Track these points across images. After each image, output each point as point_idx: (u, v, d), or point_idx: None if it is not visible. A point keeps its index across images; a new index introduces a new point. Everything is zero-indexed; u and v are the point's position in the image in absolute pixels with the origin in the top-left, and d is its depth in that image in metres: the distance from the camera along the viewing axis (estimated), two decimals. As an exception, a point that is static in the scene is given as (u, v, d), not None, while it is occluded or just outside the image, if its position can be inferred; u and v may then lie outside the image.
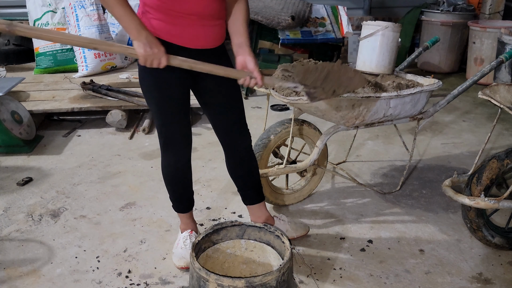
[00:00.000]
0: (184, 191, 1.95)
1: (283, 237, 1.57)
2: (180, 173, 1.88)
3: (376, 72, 2.40)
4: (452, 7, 4.91)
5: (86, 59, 4.09)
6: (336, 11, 4.43)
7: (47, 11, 4.23)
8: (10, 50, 4.46)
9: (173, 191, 1.94)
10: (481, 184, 1.91)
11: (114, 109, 3.43)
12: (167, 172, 1.88)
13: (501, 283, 1.87)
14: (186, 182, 1.93)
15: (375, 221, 2.31)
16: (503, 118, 2.32)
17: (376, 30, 2.33)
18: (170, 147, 1.80)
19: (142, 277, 1.90)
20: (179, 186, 1.92)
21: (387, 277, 1.90)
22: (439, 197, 2.52)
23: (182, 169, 1.87)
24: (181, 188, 1.93)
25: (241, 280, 1.36)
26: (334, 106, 2.00)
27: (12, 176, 2.76)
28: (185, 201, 1.98)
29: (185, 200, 1.97)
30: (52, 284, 1.86)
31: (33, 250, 2.07)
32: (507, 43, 3.81)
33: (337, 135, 3.06)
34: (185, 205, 1.99)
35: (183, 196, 1.96)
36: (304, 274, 1.91)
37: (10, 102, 3.11)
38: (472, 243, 2.13)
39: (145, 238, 2.16)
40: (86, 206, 2.44)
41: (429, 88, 2.16)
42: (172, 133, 1.76)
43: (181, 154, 1.82)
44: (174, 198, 1.97)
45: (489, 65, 2.29)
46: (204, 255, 1.63)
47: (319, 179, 2.50)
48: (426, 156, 3.07)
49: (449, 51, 5.01)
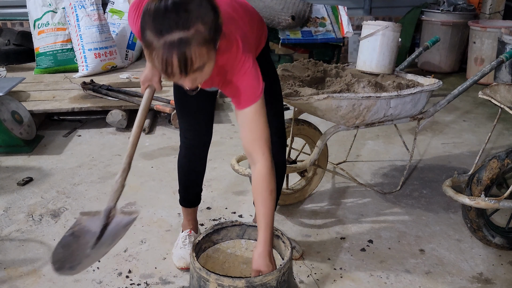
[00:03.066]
0: (192, 184, 1.97)
1: (283, 237, 1.57)
2: (193, 165, 1.92)
3: (376, 72, 2.40)
4: (452, 7, 4.91)
5: (87, 59, 4.09)
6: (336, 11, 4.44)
7: (48, 11, 4.23)
8: (10, 50, 4.46)
9: (182, 183, 1.97)
10: (482, 184, 1.91)
11: (115, 109, 3.43)
12: (180, 163, 1.93)
13: (501, 283, 1.87)
14: (196, 176, 1.97)
15: (375, 221, 2.31)
16: (504, 118, 2.32)
17: (376, 30, 2.33)
18: (186, 141, 1.86)
19: (142, 277, 1.90)
20: (188, 178, 1.96)
21: (388, 277, 1.90)
22: (439, 197, 2.52)
23: (195, 162, 1.91)
24: (190, 182, 1.96)
25: (241, 280, 1.36)
26: (334, 106, 2.00)
27: (12, 176, 2.76)
28: (192, 196, 2.00)
29: (191, 194, 2.00)
30: (52, 284, 1.86)
31: (33, 250, 2.07)
32: (508, 43, 3.81)
33: (337, 135, 3.06)
34: (191, 200, 2.02)
35: (190, 189, 1.98)
36: (304, 274, 1.91)
37: (11, 102, 3.11)
38: (472, 243, 2.13)
39: (146, 238, 2.16)
40: (87, 206, 2.44)
41: (430, 88, 2.16)
42: (187, 127, 1.82)
43: (196, 149, 1.87)
44: (182, 190, 2.00)
45: (490, 65, 2.28)
46: (205, 255, 1.63)
47: (319, 179, 2.50)
48: (426, 156, 3.06)
49: (450, 51, 5.01)
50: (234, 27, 1.38)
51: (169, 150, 3.14)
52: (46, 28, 4.21)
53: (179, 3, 1.12)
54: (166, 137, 3.37)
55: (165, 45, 1.11)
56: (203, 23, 1.14)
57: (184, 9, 1.11)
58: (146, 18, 1.13)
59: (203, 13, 1.14)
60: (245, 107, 1.37)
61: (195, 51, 1.13)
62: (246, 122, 1.39)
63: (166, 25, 1.11)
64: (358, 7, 5.41)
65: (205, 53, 1.17)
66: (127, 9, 1.58)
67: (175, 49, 1.11)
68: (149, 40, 1.14)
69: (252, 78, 1.35)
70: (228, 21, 1.36)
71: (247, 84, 1.35)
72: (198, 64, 1.17)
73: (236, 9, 1.52)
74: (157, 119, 3.72)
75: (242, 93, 1.36)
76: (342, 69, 2.46)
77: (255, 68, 1.36)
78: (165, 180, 2.72)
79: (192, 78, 1.21)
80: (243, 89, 1.35)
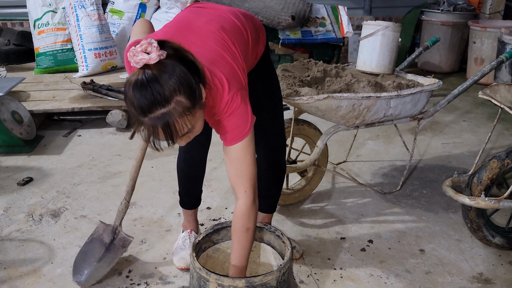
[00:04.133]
0: (192, 187, 1.98)
1: (284, 237, 1.57)
2: (192, 170, 1.92)
3: (376, 72, 2.40)
4: (452, 7, 4.91)
5: (87, 59, 4.09)
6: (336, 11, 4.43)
7: (48, 11, 4.22)
8: (10, 50, 4.45)
9: (182, 185, 1.98)
10: (482, 184, 1.91)
11: (115, 109, 3.43)
12: (179, 166, 1.93)
13: (501, 283, 1.87)
14: (195, 179, 1.97)
15: (375, 221, 2.31)
16: (504, 118, 2.33)
17: (376, 30, 2.33)
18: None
19: (142, 277, 1.90)
20: (188, 181, 1.96)
21: (388, 277, 1.90)
22: (439, 197, 2.52)
23: (194, 166, 1.91)
24: (190, 184, 1.97)
25: (241, 280, 1.36)
26: (334, 106, 2.00)
27: (12, 176, 2.76)
28: (192, 198, 2.01)
29: (191, 197, 2.00)
30: (52, 284, 1.86)
31: (33, 250, 2.07)
32: (508, 43, 3.81)
33: (337, 135, 3.06)
34: (191, 202, 2.02)
35: (190, 192, 1.99)
36: (304, 274, 1.91)
37: (11, 102, 3.11)
38: (472, 243, 2.13)
39: (146, 238, 2.17)
40: (87, 206, 2.44)
41: (430, 88, 2.16)
42: None
43: (194, 152, 1.87)
44: (182, 192, 2.00)
45: (490, 65, 2.29)
46: (205, 255, 1.63)
47: (320, 179, 2.50)
48: (426, 156, 3.06)
49: (450, 51, 5.00)
50: (222, 63, 1.37)
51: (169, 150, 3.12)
52: (46, 28, 4.21)
53: (152, 79, 1.12)
54: (166, 137, 3.37)
55: (150, 122, 1.16)
56: (180, 93, 1.15)
57: (159, 84, 1.12)
58: (128, 94, 1.15)
59: (177, 82, 1.14)
60: (231, 145, 1.37)
61: (178, 122, 1.17)
62: (231, 159, 1.39)
63: (146, 106, 1.13)
64: (358, 7, 5.41)
65: (189, 120, 1.20)
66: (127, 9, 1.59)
67: (159, 125, 1.15)
68: (135, 116, 1.17)
69: (239, 118, 1.35)
70: (216, 57, 1.36)
71: (234, 123, 1.35)
72: (184, 131, 1.21)
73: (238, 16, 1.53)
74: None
75: (229, 132, 1.37)
76: (342, 69, 2.46)
77: (243, 106, 1.36)
78: (165, 180, 2.72)
79: (185, 138, 1.26)
80: (230, 129, 1.36)
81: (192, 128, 1.23)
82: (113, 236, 1.90)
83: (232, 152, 1.38)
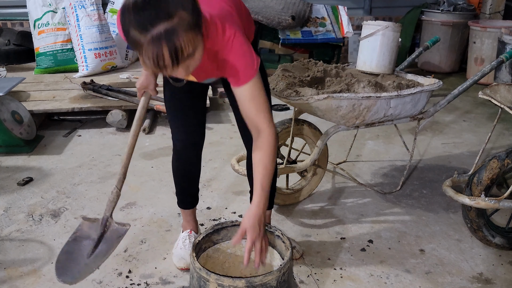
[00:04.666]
0: (188, 186, 1.97)
1: (284, 237, 1.57)
2: (187, 169, 1.92)
3: (376, 72, 2.40)
4: (452, 7, 4.91)
5: (87, 59, 4.09)
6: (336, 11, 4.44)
7: (48, 11, 4.22)
8: (10, 50, 4.45)
9: (178, 185, 1.97)
10: (482, 184, 1.91)
11: (115, 109, 3.43)
12: (174, 167, 1.93)
13: (501, 283, 1.87)
14: (191, 178, 1.96)
15: (375, 221, 2.31)
16: (504, 118, 2.33)
17: (376, 30, 2.33)
18: (178, 144, 1.85)
19: (142, 277, 1.90)
20: (184, 180, 1.95)
21: (388, 277, 1.90)
22: (439, 197, 2.52)
23: (189, 165, 1.91)
24: (186, 183, 1.96)
25: (241, 280, 1.36)
26: (334, 106, 2.00)
27: (12, 176, 2.76)
28: (188, 197, 2.00)
29: (188, 196, 2.00)
30: (52, 284, 1.86)
31: (33, 250, 2.07)
32: (508, 43, 3.81)
33: (337, 135, 3.06)
34: (188, 201, 2.01)
35: (187, 191, 1.98)
36: (304, 274, 1.91)
37: (11, 102, 3.11)
38: (472, 243, 2.13)
39: (146, 238, 2.16)
40: (87, 206, 2.44)
41: (430, 88, 2.16)
42: (178, 129, 1.81)
43: (188, 151, 1.86)
44: (179, 192, 2.00)
45: (490, 65, 2.29)
46: (205, 255, 1.63)
47: (320, 179, 2.50)
48: (426, 156, 3.06)
49: (450, 51, 5.01)
50: (218, 7, 1.39)
51: (169, 150, 3.14)
52: (46, 28, 4.21)
53: None
54: (166, 137, 3.37)
55: (153, 40, 1.10)
56: (184, 9, 1.13)
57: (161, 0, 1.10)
58: (127, 16, 1.12)
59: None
60: (244, 83, 1.37)
61: (183, 39, 1.13)
62: (248, 97, 1.40)
63: (148, 20, 1.10)
64: (358, 7, 5.41)
65: (193, 38, 1.16)
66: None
67: (163, 41, 1.10)
68: (136, 38, 1.13)
69: (245, 53, 1.35)
70: (214, 3, 1.38)
71: (245, 61, 1.35)
72: (188, 51, 1.16)
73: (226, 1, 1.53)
74: (157, 119, 3.72)
75: (241, 71, 1.36)
76: (342, 69, 2.46)
77: (247, 44, 1.36)
78: (165, 180, 2.72)
79: (185, 66, 1.21)
80: (242, 67, 1.36)
81: (194, 51, 1.19)
82: (104, 229, 1.72)
83: (248, 90, 1.39)
